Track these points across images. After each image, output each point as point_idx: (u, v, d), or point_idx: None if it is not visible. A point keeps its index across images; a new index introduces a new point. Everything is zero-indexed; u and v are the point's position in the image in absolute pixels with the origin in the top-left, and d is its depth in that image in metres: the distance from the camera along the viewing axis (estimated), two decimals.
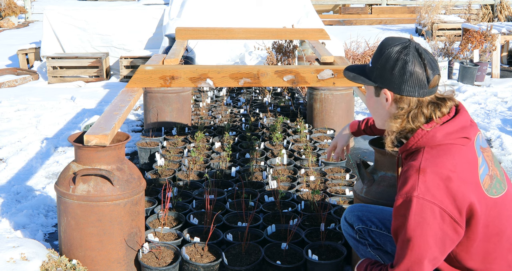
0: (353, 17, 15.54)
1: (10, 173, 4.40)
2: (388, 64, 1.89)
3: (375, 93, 1.97)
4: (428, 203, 1.75)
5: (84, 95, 7.21)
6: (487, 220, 1.83)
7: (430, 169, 1.78)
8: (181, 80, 3.52)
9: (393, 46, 1.90)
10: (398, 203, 1.81)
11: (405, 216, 1.78)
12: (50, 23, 8.86)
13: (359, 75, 2.00)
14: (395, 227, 1.84)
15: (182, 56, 6.19)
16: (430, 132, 1.85)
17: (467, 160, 1.83)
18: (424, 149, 1.85)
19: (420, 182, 1.77)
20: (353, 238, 2.33)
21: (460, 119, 1.88)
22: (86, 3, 18.62)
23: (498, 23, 10.17)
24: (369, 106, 2.05)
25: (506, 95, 7.13)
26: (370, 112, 2.06)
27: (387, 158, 2.66)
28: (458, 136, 1.85)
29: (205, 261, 2.83)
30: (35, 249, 2.74)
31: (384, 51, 1.91)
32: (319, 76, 3.58)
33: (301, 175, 4.03)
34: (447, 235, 1.78)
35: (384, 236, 2.23)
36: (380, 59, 1.92)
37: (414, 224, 1.76)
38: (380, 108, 1.97)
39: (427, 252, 1.77)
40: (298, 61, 7.01)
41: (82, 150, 2.69)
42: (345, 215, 2.38)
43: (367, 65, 2.00)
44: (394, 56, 1.88)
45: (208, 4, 9.09)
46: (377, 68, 1.93)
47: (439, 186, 1.76)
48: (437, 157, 1.81)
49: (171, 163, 4.21)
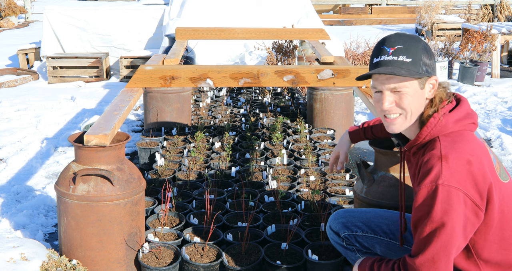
0: (353, 17, 15.55)
1: (10, 173, 4.40)
2: (430, 54, 1.94)
3: (420, 86, 1.92)
4: (454, 190, 1.76)
5: (84, 95, 7.21)
6: (502, 205, 1.85)
7: (451, 154, 1.80)
8: (181, 80, 3.52)
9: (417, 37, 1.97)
10: (422, 193, 1.80)
11: (430, 205, 1.78)
12: (50, 23, 8.86)
13: (407, 69, 1.89)
14: (416, 218, 1.82)
15: (182, 56, 6.19)
16: (442, 120, 1.88)
17: (479, 144, 1.88)
18: (439, 137, 1.88)
19: (444, 168, 1.78)
20: (341, 245, 2.34)
21: (465, 106, 1.94)
22: (86, 3, 18.63)
23: (498, 23, 10.17)
24: (410, 104, 1.92)
25: (506, 95, 7.13)
26: (405, 112, 1.93)
27: (387, 158, 2.66)
28: (467, 122, 1.90)
29: (205, 261, 2.83)
30: (35, 249, 2.74)
31: (418, 43, 1.93)
32: (319, 76, 3.58)
33: (301, 175, 4.03)
34: (468, 220, 1.78)
35: (371, 239, 2.23)
36: (420, 51, 1.92)
37: (442, 211, 1.76)
38: (423, 101, 1.95)
39: (454, 239, 1.77)
40: (298, 61, 7.01)
41: (82, 150, 2.69)
42: (329, 223, 2.37)
43: (401, 61, 1.90)
44: (426, 46, 1.94)
45: (208, 4, 9.09)
46: (423, 60, 1.91)
47: (462, 171, 1.78)
48: (455, 143, 1.84)
49: (171, 163, 4.21)
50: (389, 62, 1.91)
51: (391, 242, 2.20)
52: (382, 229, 2.23)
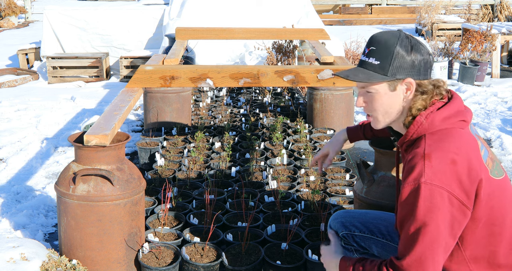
0: (353, 17, 15.55)
1: (10, 173, 4.40)
2: (405, 55, 1.90)
3: (390, 88, 1.94)
4: (437, 188, 1.75)
5: (84, 95, 7.21)
6: (492, 201, 1.84)
7: (434, 153, 1.80)
8: (181, 80, 3.52)
9: (396, 38, 1.93)
10: (405, 191, 1.80)
11: (413, 204, 1.77)
12: (50, 23, 8.86)
13: (369, 72, 1.94)
14: (401, 216, 1.82)
15: (182, 56, 6.19)
16: (428, 118, 1.88)
17: (468, 142, 1.86)
18: (425, 135, 1.87)
19: (426, 167, 1.78)
20: (339, 244, 2.33)
21: (455, 103, 1.92)
22: (86, 3, 18.63)
23: (498, 23, 10.17)
24: (380, 105, 1.97)
25: (506, 95, 7.13)
26: (376, 113, 1.99)
27: (387, 158, 2.66)
28: (455, 119, 1.88)
29: (205, 261, 2.83)
30: (35, 249, 2.74)
31: (392, 44, 1.91)
32: (319, 76, 3.58)
33: (301, 175, 4.03)
34: (455, 219, 1.77)
35: (368, 239, 2.23)
36: (391, 53, 1.91)
37: (424, 210, 1.75)
38: (397, 102, 1.95)
39: (440, 238, 1.76)
40: (298, 61, 7.01)
41: (82, 150, 2.69)
42: (330, 222, 2.38)
43: (370, 64, 1.95)
44: (407, 46, 1.91)
45: (208, 4, 9.09)
46: (392, 62, 1.91)
47: (446, 170, 1.77)
48: (440, 141, 1.83)
49: (171, 163, 4.21)
50: (362, 63, 1.98)
51: (387, 243, 2.20)
52: (380, 230, 2.23)
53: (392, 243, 2.18)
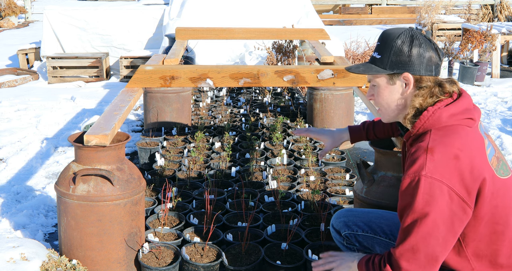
0: (353, 17, 15.55)
1: (10, 173, 4.40)
2: (403, 49, 1.94)
3: (389, 82, 1.98)
4: (437, 182, 1.76)
5: (84, 95, 7.21)
6: (496, 200, 1.84)
7: (438, 148, 1.81)
8: (181, 80, 3.52)
9: (399, 34, 1.97)
10: (406, 183, 1.81)
11: (412, 195, 1.78)
12: (50, 23, 8.86)
13: (370, 66, 2.01)
14: (401, 207, 1.83)
15: (182, 56, 6.19)
16: (435, 114, 1.89)
17: (474, 139, 1.86)
18: (431, 131, 1.89)
19: (428, 161, 1.79)
20: (342, 244, 2.34)
21: (464, 101, 1.93)
22: (86, 3, 18.63)
23: (498, 23, 10.17)
24: (382, 99, 2.02)
25: (506, 95, 7.13)
26: (381, 106, 2.05)
27: (387, 158, 2.66)
28: (462, 117, 1.89)
29: (205, 261, 2.83)
30: (35, 249, 2.74)
31: (393, 39, 1.96)
32: (319, 76, 3.58)
33: (301, 175, 4.03)
34: (455, 215, 1.78)
35: (371, 239, 2.23)
36: (391, 47, 1.96)
37: (423, 202, 1.76)
38: (396, 96, 1.99)
39: (434, 231, 1.77)
40: (298, 61, 7.01)
41: (82, 150, 2.69)
42: (332, 222, 2.38)
43: (374, 58, 2.01)
44: (407, 41, 1.94)
45: (208, 4, 9.09)
46: (390, 56, 1.96)
47: (448, 165, 1.78)
48: (444, 137, 1.84)
49: (171, 163, 4.21)
50: (370, 58, 2.05)
51: (390, 242, 2.20)
52: (382, 229, 2.23)
53: (395, 243, 2.18)
